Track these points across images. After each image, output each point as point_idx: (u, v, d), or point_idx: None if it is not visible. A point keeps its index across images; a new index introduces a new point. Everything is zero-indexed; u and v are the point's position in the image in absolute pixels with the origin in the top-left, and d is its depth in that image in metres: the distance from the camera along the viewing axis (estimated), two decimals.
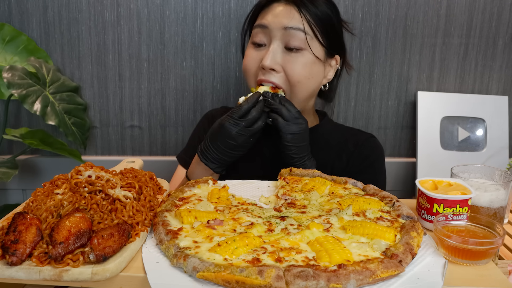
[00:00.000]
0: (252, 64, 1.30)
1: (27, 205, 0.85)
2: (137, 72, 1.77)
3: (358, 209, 0.93)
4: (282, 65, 1.25)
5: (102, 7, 1.70)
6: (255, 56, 1.29)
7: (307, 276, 0.67)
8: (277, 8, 1.27)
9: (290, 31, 1.23)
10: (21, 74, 1.59)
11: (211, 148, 1.23)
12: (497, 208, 1.00)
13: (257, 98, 1.21)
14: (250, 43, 1.33)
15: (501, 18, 1.75)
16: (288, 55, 1.25)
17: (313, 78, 1.29)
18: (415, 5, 1.73)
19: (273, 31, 1.25)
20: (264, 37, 1.27)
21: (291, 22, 1.24)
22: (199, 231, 0.82)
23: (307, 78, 1.27)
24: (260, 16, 1.30)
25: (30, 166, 1.82)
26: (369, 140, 1.44)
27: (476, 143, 1.80)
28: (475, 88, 1.83)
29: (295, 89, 1.27)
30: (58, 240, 0.71)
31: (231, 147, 1.22)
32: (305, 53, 1.25)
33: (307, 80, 1.28)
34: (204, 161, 1.25)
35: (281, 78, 1.26)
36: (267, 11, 1.29)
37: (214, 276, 0.68)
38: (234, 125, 1.19)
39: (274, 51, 1.25)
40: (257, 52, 1.29)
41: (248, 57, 1.31)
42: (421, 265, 0.76)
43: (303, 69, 1.25)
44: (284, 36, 1.24)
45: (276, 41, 1.25)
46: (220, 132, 1.21)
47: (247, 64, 1.31)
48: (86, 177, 0.88)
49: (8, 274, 0.70)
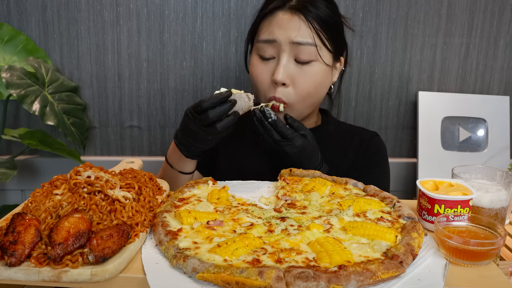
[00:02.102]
0: (263, 78, 1.26)
1: (26, 205, 0.85)
2: (136, 72, 1.77)
3: (358, 209, 0.93)
4: (292, 78, 1.23)
5: (101, 7, 1.69)
6: (264, 70, 1.26)
7: (307, 277, 0.66)
8: (283, 18, 1.23)
9: (299, 46, 1.21)
10: (20, 74, 1.58)
11: (179, 131, 1.19)
12: (498, 208, 1.00)
13: (220, 100, 1.08)
14: (256, 54, 1.29)
15: (502, 18, 1.75)
16: (298, 67, 1.23)
17: (322, 86, 1.29)
18: (416, 4, 1.72)
19: (282, 45, 1.22)
20: (272, 50, 1.24)
21: (300, 36, 1.21)
22: (198, 232, 0.82)
23: (317, 88, 1.26)
24: (265, 27, 1.26)
25: (29, 166, 1.81)
26: (375, 138, 1.45)
27: (477, 143, 1.80)
28: (476, 88, 1.82)
29: (304, 100, 1.27)
30: (57, 241, 0.71)
31: (191, 140, 1.14)
32: (315, 64, 1.24)
33: (317, 90, 1.27)
34: (176, 142, 1.20)
35: (291, 92, 1.24)
36: (271, 21, 1.25)
37: (214, 277, 0.67)
38: (191, 119, 1.09)
39: (285, 65, 1.22)
40: (265, 65, 1.26)
41: (257, 71, 1.27)
42: (422, 266, 0.76)
43: (313, 81, 1.24)
44: (293, 49, 1.22)
45: (286, 54, 1.22)
46: (182, 120, 1.15)
47: (258, 79, 1.28)
48: (85, 177, 0.87)
49: (7, 275, 0.70)
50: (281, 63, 1.22)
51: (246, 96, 1.12)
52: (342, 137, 1.44)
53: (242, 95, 1.11)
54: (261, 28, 1.28)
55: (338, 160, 1.38)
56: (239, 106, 1.11)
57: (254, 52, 1.30)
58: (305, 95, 1.25)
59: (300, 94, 1.24)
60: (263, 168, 1.36)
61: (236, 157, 1.43)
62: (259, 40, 1.26)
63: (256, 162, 1.39)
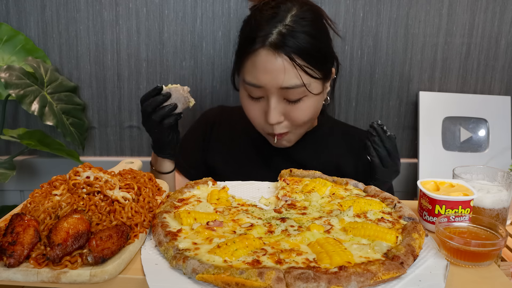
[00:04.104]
0: (257, 116, 1.26)
1: (25, 206, 0.84)
2: (136, 72, 1.76)
3: (359, 210, 0.93)
4: (286, 114, 1.22)
5: (100, 6, 1.69)
6: (256, 108, 1.24)
7: (307, 278, 0.66)
8: (266, 60, 1.16)
9: (288, 89, 1.17)
10: (18, 74, 1.58)
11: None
12: (500, 209, 0.99)
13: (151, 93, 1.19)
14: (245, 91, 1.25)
15: (503, 17, 1.74)
16: (290, 105, 1.21)
17: (317, 111, 1.29)
18: (416, 4, 1.72)
19: (270, 90, 1.18)
20: (260, 92, 1.20)
21: (287, 80, 1.16)
22: (198, 232, 0.82)
23: (313, 115, 1.26)
24: (250, 69, 1.20)
25: (28, 167, 1.81)
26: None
27: (478, 143, 1.79)
28: (477, 88, 1.82)
29: (302, 128, 1.28)
30: (56, 242, 0.71)
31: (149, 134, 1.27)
32: (306, 99, 1.21)
33: (313, 116, 1.27)
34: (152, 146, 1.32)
35: (288, 124, 1.24)
36: (255, 62, 1.18)
37: (214, 278, 0.67)
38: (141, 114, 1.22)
39: (276, 107, 1.20)
40: (256, 103, 1.24)
41: (248, 108, 1.26)
42: (423, 267, 0.75)
43: (307, 113, 1.23)
44: (282, 92, 1.18)
45: (275, 97, 1.19)
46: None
47: (250, 116, 1.27)
48: (84, 178, 0.87)
49: (6, 276, 0.69)
50: (271, 106, 1.19)
51: (181, 89, 1.20)
52: (340, 138, 1.43)
53: (178, 88, 1.20)
54: (245, 67, 1.22)
55: (337, 162, 1.38)
56: (176, 98, 1.20)
57: (242, 89, 1.26)
58: (302, 124, 1.25)
59: (298, 124, 1.25)
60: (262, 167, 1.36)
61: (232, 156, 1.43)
62: (245, 81, 1.22)
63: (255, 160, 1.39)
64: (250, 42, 1.18)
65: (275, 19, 1.17)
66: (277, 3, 1.20)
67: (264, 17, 1.19)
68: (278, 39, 1.15)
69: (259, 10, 1.21)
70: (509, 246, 1.09)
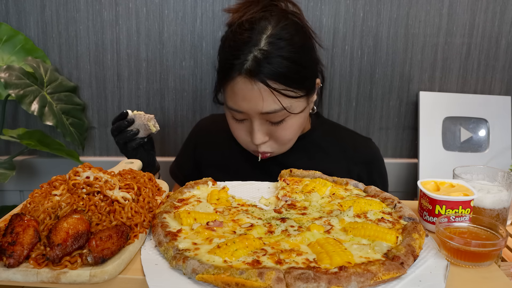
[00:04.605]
0: (241, 136, 1.27)
1: (25, 206, 0.84)
2: (135, 72, 1.76)
3: (359, 210, 0.92)
4: (270, 134, 1.23)
5: (100, 6, 1.69)
6: (240, 129, 1.26)
7: (307, 278, 0.66)
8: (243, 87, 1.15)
9: (269, 114, 1.17)
10: (18, 74, 1.58)
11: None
12: (500, 209, 0.99)
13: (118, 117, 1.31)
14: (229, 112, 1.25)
15: (504, 17, 1.74)
16: (274, 126, 1.21)
17: (302, 125, 1.28)
18: (416, 4, 1.72)
19: (251, 115, 1.19)
20: (242, 115, 1.21)
21: (266, 107, 1.16)
22: (198, 232, 0.81)
23: (298, 129, 1.27)
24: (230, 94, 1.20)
25: (27, 167, 1.81)
26: (369, 144, 1.44)
27: (478, 143, 1.79)
28: (478, 88, 1.82)
29: (287, 145, 1.28)
30: (56, 242, 0.70)
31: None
32: (289, 119, 1.21)
33: (299, 132, 1.28)
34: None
35: (273, 144, 1.26)
36: (234, 88, 1.17)
37: (214, 278, 0.67)
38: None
39: (259, 129, 1.21)
40: (241, 125, 1.25)
41: (233, 128, 1.28)
42: (423, 267, 0.75)
43: (292, 130, 1.24)
44: (263, 116, 1.19)
45: (257, 121, 1.20)
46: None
47: (235, 135, 1.29)
48: (84, 178, 0.87)
49: (5, 277, 0.69)
50: (255, 128, 1.21)
51: (143, 116, 1.30)
52: (335, 143, 1.42)
53: (140, 115, 1.30)
54: (226, 92, 1.22)
55: (332, 167, 1.36)
56: (138, 125, 1.31)
57: (227, 109, 1.26)
58: (287, 141, 1.26)
59: (283, 142, 1.26)
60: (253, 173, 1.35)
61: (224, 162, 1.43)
62: (227, 106, 1.23)
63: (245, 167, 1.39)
64: (228, 69, 1.17)
65: (249, 44, 1.15)
66: (251, 24, 1.17)
67: (239, 42, 1.17)
68: (253, 66, 1.13)
69: (234, 33, 1.19)
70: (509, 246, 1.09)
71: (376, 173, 1.41)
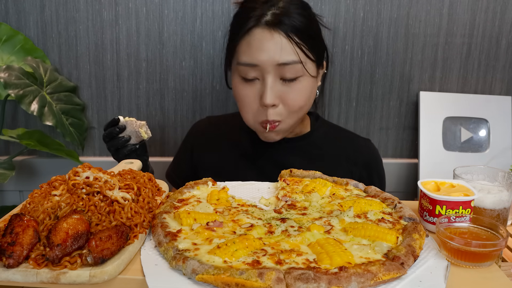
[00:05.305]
0: (250, 101, 1.22)
1: (24, 206, 0.84)
2: (135, 72, 1.76)
3: (359, 210, 0.92)
4: (281, 97, 1.20)
5: (100, 6, 1.69)
6: (250, 92, 1.21)
7: (307, 278, 0.66)
8: (261, 37, 1.15)
9: (285, 66, 1.16)
10: (18, 74, 1.58)
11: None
12: (500, 209, 0.99)
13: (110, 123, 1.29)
14: (239, 76, 1.22)
15: (504, 17, 1.74)
16: (286, 85, 1.19)
17: (312, 97, 1.27)
18: (417, 4, 1.72)
19: (265, 68, 1.16)
20: (255, 72, 1.18)
21: (284, 56, 1.15)
22: (198, 233, 0.81)
23: (308, 100, 1.25)
24: (244, 49, 1.18)
25: (27, 167, 1.81)
26: (369, 145, 1.44)
27: (479, 144, 1.79)
28: (478, 88, 1.82)
29: (295, 116, 1.25)
30: (55, 242, 0.70)
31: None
32: (302, 79, 1.20)
33: (308, 102, 1.26)
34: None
35: (282, 110, 1.22)
36: (250, 41, 1.17)
37: (214, 278, 0.67)
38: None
39: (272, 87, 1.17)
40: (250, 86, 1.21)
41: (242, 93, 1.22)
42: (423, 267, 0.75)
43: (303, 95, 1.22)
44: (278, 70, 1.16)
45: (271, 76, 1.17)
46: None
47: (244, 102, 1.23)
48: (84, 178, 0.87)
49: (5, 277, 0.69)
50: (268, 85, 1.17)
51: (134, 123, 1.28)
52: (334, 144, 1.41)
53: (131, 122, 1.29)
54: (239, 49, 1.20)
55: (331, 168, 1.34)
56: (130, 131, 1.29)
57: (236, 74, 1.24)
58: (297, 109, 1.23)
59: (293, 110, 1.22)
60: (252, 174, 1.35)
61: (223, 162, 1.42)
62: (239, 62, 1.20)
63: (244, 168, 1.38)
64: (244, 22, 1.18)
65: (268, 4, 1.19)
66: None
67: (257, 2, 1.20)
68: (273, 18, 1.16)
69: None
70: (509, 246, 1.09)
71: (375, 174, 1.41)
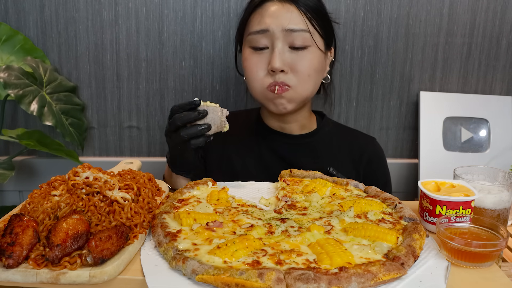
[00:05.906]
0: (258, 68, 1.24)
1: (24, 206, 0.84)
2: (135, 72, 1.76)
3: (359, 211, 0.92)
4: (290, 64, 1.21)
5: (100, 6, 1.69)
6: (259, 60, 1.24)
7: (308, 279, 0.66)
8: (273, 8, 1.22)
9: (293, 32, 1.20)
10: (17, 74, 1.57)
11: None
12: (501, 210, 0.99)
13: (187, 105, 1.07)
14: (249, 47, 1.26)
15: (504, 17, 1.74)
16: (294, 53, 1.22)
17: (320, 70, 1.28)
18: (417, 4, 1.72)
19: (275, 34, 1.21)
20: (265, 40, 1.22)
21: (293, 23, 1.20)
22: (198, 233, 0.81)
23: (316, 71, 1.25)
24: (256, 18, 1.25)
25: (26, 167, 1.81)
26: (374, 143, 1.45)
27: (479, 144, 1.79)
28: (478, 88, 1.82)
29: (304, 85, 1.24)
30: (55, 243, 0.70)
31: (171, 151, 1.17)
32: (311, 49, 1.23)
33: (316, 74, 1.26)
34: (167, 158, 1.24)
35: (291, 76, 1.22)
36: (262, 12, 1.24)
37: (214, 279, 0.67)
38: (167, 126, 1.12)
39: (280, 52, 1.20)
40: (259, 56, 1.24)
41: (251, 62, 1.25)
42: (424, 267, 0.75)
43: (312, 64, 1.23)
44: (287, 37, 1.21)
45: (280, 42, 1.21)
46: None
47: (252, 70, 1.25)
48: (83, 178, 0.87)
49: (5, 277, 0.69)
50: (276, 50, 1.21)
51: (220, 110, 1.07)
52: (340, 143, 1.42)
53: (216, 108, 1.07)
54: (251, 20, 1.26)
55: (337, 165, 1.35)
56: (211, 119, 1.07)
57: (246, 46, 1.28)
58: (306, 77, 1.23)
59: (302, 77, 1.23)
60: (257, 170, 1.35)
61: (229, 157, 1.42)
62: (250, 32, 1.25)
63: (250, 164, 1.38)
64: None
65: None
66: None
67: None
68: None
69: None
70: (510, 247, 1.09)
71: (380, 172, 1.42)
